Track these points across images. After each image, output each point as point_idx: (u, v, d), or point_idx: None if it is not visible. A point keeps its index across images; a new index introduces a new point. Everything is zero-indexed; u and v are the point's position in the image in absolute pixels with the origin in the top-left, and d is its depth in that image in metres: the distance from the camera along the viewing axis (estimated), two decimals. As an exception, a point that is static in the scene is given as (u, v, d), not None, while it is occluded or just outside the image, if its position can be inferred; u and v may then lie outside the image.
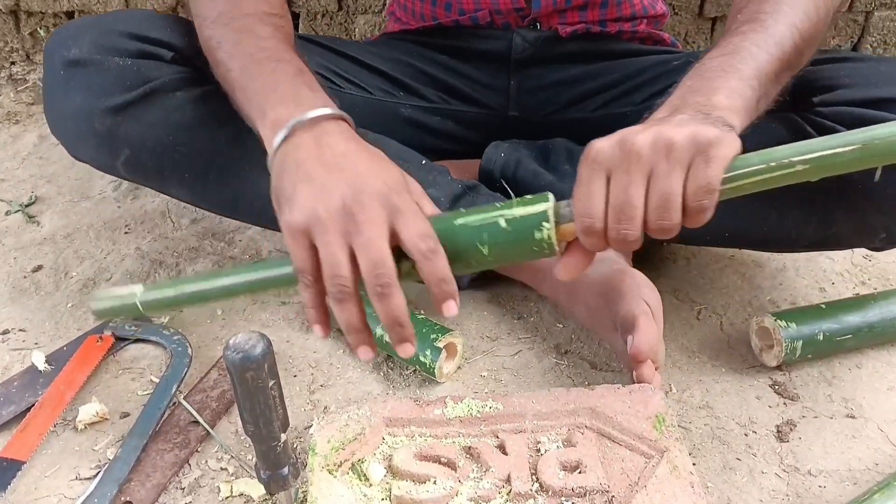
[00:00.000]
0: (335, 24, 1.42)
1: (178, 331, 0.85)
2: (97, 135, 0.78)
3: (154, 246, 1.02)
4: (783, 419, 0.76)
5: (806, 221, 0.76)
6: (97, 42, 0.78)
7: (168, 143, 0.78)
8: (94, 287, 0.94)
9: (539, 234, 0.57)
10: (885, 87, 0.74)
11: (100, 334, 0.85)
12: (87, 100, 0.77)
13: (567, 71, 0.98)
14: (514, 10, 0.95)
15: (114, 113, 0.77)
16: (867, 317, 0.82)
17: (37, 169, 1.20)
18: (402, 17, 1.03)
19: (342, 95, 0.94)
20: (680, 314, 0.90)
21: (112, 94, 0.77)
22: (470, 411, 0.65)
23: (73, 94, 0.78)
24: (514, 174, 0.92)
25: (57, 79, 0.78)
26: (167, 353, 0.83)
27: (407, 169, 0.84)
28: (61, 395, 0.77)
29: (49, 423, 0.75)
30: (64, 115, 0.79)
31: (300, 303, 0.92)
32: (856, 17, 1.47)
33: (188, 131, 0.79)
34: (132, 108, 0.77)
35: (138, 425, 0.73)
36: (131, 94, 0.77)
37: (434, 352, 0.78)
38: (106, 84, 0.77)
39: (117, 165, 0.81)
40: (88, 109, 0.77)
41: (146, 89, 0.77)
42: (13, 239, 1.04)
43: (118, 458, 0.70)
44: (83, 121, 0.78)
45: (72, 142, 0.81)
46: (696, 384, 0.80)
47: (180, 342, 0.83)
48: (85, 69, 0.77)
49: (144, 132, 0.78)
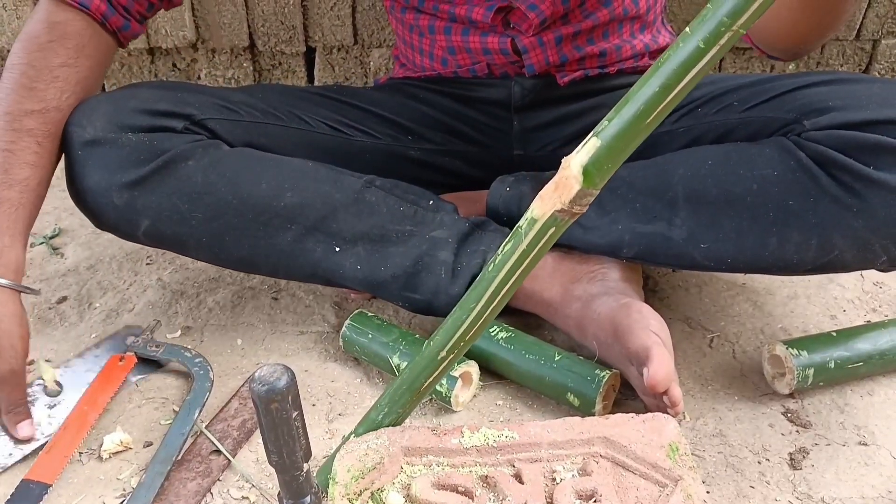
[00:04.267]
0: (351, 57, 1.45)
1: (199, 353, 0.87)
2: (116, 209, 0.81)
3: (175, 277, 1.04)
4: (796, 447, 0.77)
5: (806, 247, 0.76)
6: (110, 120, 0.81)
7: (184, 210, 0.81)
8: (116, 318, 0.96)
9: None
10: (876, 108, 0.74)
11: (122, 353, 0.87)
12: (104, 177, 0.80)
13: (567, 108, 1.00)
14: (509, 62, 0.97)
15: (130, 187, 0.80)
16: (878, 344, 0.83)
17: (60, 201, 1.22)
18: (406, 63, 1.07)
19: (352, 143, 0.96)
20: (692, 342, 0.91)
21: (127, 170, 0.80)
22: (486, 440, 0.66)
23: (91, 171, 0.81)
24: (519, 209, 0.93)
25: (75, 158, 0.81)
26: (189, 378, 0.85)
27: (415, 212, 0.86)
28: (85, 416, 0.79)
29: (74, 445, 0.77)
30: (84, 192, 0.82)
31: (318, 332, 0.94)
32: (863, 45, 1.49)
33: (201, 197, 0.81)
34: (147, 182, 0.80)
35: (161, 452, 0.75)
36: (146, 169, 0.80)
37: (450, 381, 0.80)
38: (121, 160, 0.80)
39: (139, 235, 0.84)
40: (106, 186, 0.80)
41: (159, 162, 0.80)
42: (38, 270, 1.06)
43: (142, 484, 0.71)
44: (102, 196, 0.81)
45: (94, 216, 0.84)
46: (710, 412, 0.81)
47: (202, 365, 0.85)
48: (101, 148, 0.80)
49: (161, 203, 0.81)
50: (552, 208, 0.56)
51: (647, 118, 0.54)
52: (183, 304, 0.99)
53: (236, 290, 1.01)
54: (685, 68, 0.52)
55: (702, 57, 0.52)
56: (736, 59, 1.49)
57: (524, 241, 0.57)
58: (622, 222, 0.85)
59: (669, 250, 0.83)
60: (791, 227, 0.76)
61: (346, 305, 0.98)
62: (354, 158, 0.95)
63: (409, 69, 1.06)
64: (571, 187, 0.55)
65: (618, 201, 0.85)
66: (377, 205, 0.87)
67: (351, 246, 0.86)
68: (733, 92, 0.88)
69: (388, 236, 0.86)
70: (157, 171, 0.80)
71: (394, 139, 0.99)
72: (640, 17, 0.98)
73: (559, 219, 0.56)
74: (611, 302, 0.83)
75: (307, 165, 0.86)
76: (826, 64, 1.50)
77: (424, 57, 1.02)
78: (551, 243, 0.58)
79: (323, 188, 0.85)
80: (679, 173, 0.82)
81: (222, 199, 0.82)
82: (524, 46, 0.94)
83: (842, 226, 0.74)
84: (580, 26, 0.94)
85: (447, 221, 0.89)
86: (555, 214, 0.56)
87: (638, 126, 0.54)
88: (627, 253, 0.85)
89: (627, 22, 0.97)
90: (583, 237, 0.87)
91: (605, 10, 0.94)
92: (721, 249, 0.80)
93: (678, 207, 0.81)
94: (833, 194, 0.74)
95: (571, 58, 0.96)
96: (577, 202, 0.55)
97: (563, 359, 0.81)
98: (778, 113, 0.82)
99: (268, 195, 0.83)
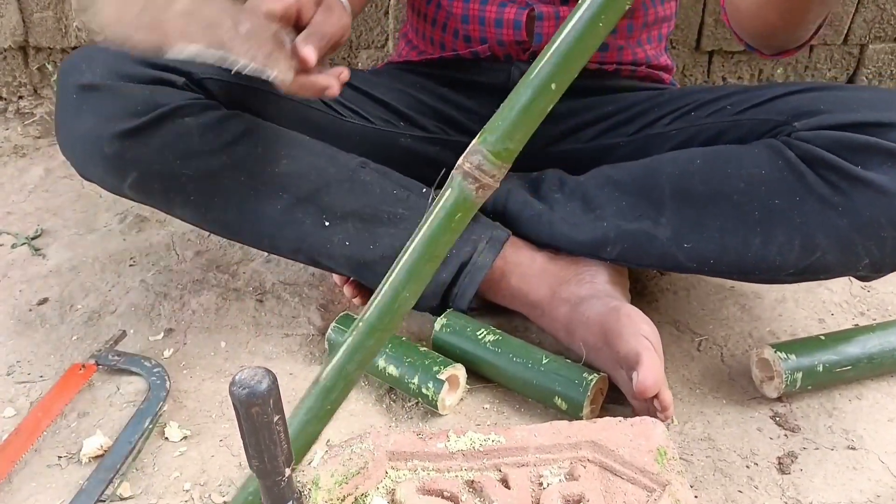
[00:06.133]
0: (338, 57, 1.45)
1: (157, 363, 0.86)
2: (106, 158, 0.80)
3: (159, 278, 1.03)
4: (784, 451, 0.76)
5: (789, 247, 0.77)
6: (111, 68, 0.80)
7: (175, 167, 0.80)
8: (98, 319, 0.95)
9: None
10: (865, 111, 0.75)
11: (83, 363, 0.86)
12: (98, 123, 0.79)
13: (561, 104, 0.99)
14: (516, 42, 0.96)
15: (123, 137, 0.79)
16: (866, 348, 0.83)
17: (43, 202, 1.21)
18: (413, 39, 1.05)
19: (343, 123, 0.95)
20: (681, 346, 0.91)
21: (122, 119, 0.79)
22: (472, 444, 0.66)
23: (85, 117, 0.79)
24: (506, 204, 0.93)
25: (69, 101, 0.80)
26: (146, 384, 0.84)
27: (408, 196, 0.86)
28: (38, 423, 0.78)
29: (23, 450, 0.75)
30: (74, 137, 0.81)
31: (303, 335, 0.93)
32: (851, 49, 1.49)
33: (195, 156, 0.81)
34: (141, 133, 0.79)
35: (106, 459, 0.74)
36: (141, 120, 0.79)
37: (436, 384, 0.79)
38: (117, 109, 0.79)
39: (124, 187, 0.82)
40: (99, 133, 0.79)
41: (156, 115, 0.79)
42: (19, 272, 1.05)
43: (83, 491, 0.70)
44: (93, 143, 0.79)
45: (81, 163, 0.83)
46: (698, 416, 0.81)
47: (159, 374, 0.84)
48: (98, 93, 0.79)
49: (152, 156, 0.80)
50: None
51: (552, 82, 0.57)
52: (166, 305, 0.98)
53: (220, 292, 1.00)
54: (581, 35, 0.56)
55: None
56: (725, 63, 1.49)
57: (441, 208, 0.57)
58: (608, 219, 0.84)
59: (653, 249, 0.82)
60: (775, 227, 0.76)
61: (332, 308, 0.97)
62: (344, 140, 0.93)
63: (416, 44, 1.05)
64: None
65: (604, 199, 0.85)
66: (371, 185, 0.87)
67: (341, 222, 0.85)
68: (725, 97, 0.89)
69: (379, 216, 0.86)
70: (153, 124, 0.79)
71: (385, 123, 0.98)
72: (648, 25, 0.98)
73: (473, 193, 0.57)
74: (599, 305, 0.83)
75: (304, 138, 0.87)
76: (814, 68, 1.51)
77: (436, 28, 1.00)
78: (467, 219, 0.58)
79: (318, 161, 0.85)
80: (667, 172, 0.82)
81: (216, 158, 0.81)
82: (541, 13, 0.93)
83: (826, 225, 0.75)
84: None
85: None
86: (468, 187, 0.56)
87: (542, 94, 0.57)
88: (611, 252, 0.85)
89: (638, 25, 0.98)
90: (567, 233, 0.87)
91: None
92: (705, 249, 0.80)
93: (664, 206, 0.81)
94: (819, 193, 0.74)
95: None
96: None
97: (550, 362, 0.81)
98: (769, 115, 0.82)
99: (263, 160, 0.82)
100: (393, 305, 0.58)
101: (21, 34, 1.40)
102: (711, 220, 0.79)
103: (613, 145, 0.95)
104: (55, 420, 0.79)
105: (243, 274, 1.04)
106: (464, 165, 0.57)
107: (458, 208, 0.57)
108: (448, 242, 0.58)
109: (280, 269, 1.04)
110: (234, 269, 1.05)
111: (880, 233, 0.74)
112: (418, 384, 0.80)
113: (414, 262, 0.58)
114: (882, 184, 0.72)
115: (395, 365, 0.82)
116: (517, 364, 0.81)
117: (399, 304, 0.58)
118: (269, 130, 0.85)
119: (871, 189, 0.73)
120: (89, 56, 0.81)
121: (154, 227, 1.14)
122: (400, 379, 0.81)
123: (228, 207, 0.83)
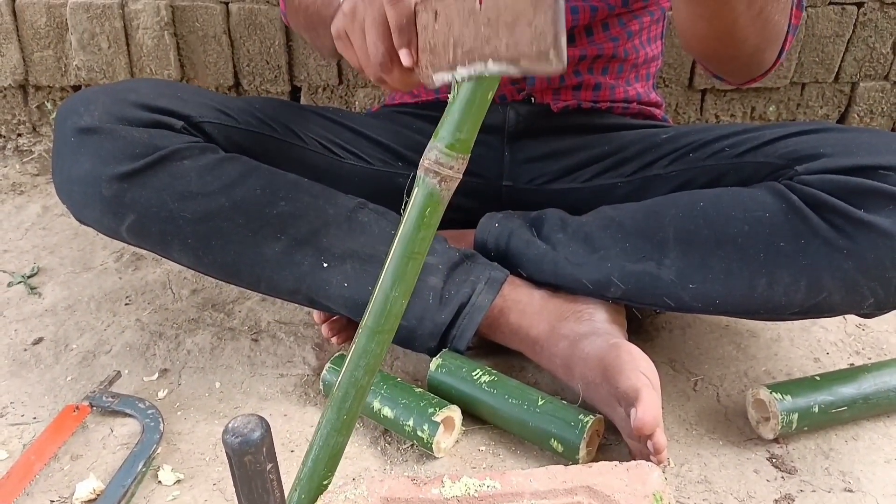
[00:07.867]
0: (336, 97, 1.46)
1: (152, 404, 0.86)
2: (104, 200, 0.80)
3: (154, 318, 1.03)
4: (781, 493, 0.76)
5: (795, 288, 0.77)
6: (109, 111, 0.81)
7: (173, 209, 0.81)
8: (93, 359, 0.95)
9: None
10: (865, 155, 0.76)
11: (77, 404, 0.86)
12: (95, 166, 0.79)
13: (558, 143, 1.01)
14: (510, 83, 0.98)
15: (122, 179, 0.79)
16: (862, 388, 0.83)
17: (39, 240, 1.21)
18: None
19: (342, 165, 0.96)
20: (676, 385, 0.91)
21: (121, 162, 0.79)
22: (467, 490, 0.65)
23: (83, 159, 0.80)
24: (508, 244, 0.93)
25: (67, 144, 0.81)
26: (140, 427, 0.83)
27: None
28: (31, 466, 0.77)
29: (15, 494, 0.74)
30: (72, 180, 0.81)
31: (298, 375, 0.92)
32: (842, 87, 1.51)
33: (193, 198, 0.81)
34: (140, 175, 0.80)
35: (100, 503, 0.73)
36: (140, 162, 0.79)
37: (431, 426, 0.78)
38: (116, 151, 0.79)
39: (122, 230, 0.83)
40: (96, 175, 0.79)
41: (154, 157, 0.80)
42: (14, 311, 1.04)
43: None
44: (90, 186, 0.80)
45: (77, 206, 0.83)
46: (694, 458, 0.80)
47: (154, 416, 0.84)
48: (96, 136, 0.80)
49: (151, 198, 0.80)
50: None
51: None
52: (161, 345, 0.97)
53: (216, 332, 1.00)
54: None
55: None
56: (717, 101, 1.51)
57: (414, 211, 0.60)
58: (612, 260, 0.85)
59: (658, 290, 0.83)
60: (781, 268, 0.77)
61: (327, 348, 0.97)
62: (343, 181, 0.94)
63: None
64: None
65: (608, 240, 0.86)
66: (369, 225, 0.87)
67: (339, 263, 0.85)
68: (723, 139, 0.90)
69: (377, 256, 0.86)
70: (151, 166, 0.79)
71: (384, 163, 0.99)
72: (637, 66, 1.01)
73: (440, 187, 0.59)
74: (599, 342, 0.83)
75: (303, 180, 0.87)
76: (806, 105, 1.52)
77: None
78: (438, 212, 0.60)
79: (317, 202, 0.86)
80: (670, 214, 0.83)
81: (215, 200, 0.81)
82: None
83: (832, 267, 0.75)
84: (585, 51, 0.96)
85: (438, 249, 0.89)
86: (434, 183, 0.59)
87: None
88: (615, 292, 0.85)
89: (628, 67, 1.00)
90: (572, 273, 0.87)
91: (610, 44, 0.97)
92: (710, 290, 0.80)
93: (668, 247, 0.82)
94: (824, 236, 0.75)
95: (569, 82, 0.98)
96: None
97: (546, 404, 0.80)
98: (769, 158, 0.83)
99: (262, 201, 0.83)
100: (385, 307, 0.61)
101: (21, 73, 1.41)
102: (716, 262, 0.79)
103: (611, 186, 0.96)
104: (48, 463, 0.79)
105: (239, 313, 1.04)
106: (424, 163, 0.60)
107: (427, 203, 0.60)
108: (425, 238, 0.61)
109: (276, 308, 1.04)
110: (230, 307, 1.05)
111: (885, 274, 0.75)
112: (413, 426, 0.79)
113: (397, 263, 0.61)
114: (885, 227, 0.73)
115: (391, 406, 0.81)
116: (513, 405, 0.81)
117: (391, 305, 0.61)
118: (268, 172, 0.85)
119: (874, 232, 0.73)
120: (87, 99, 0.82)
121: (150, 265, 1.14)
122: (395, 421, 0.81)
123: (226, 250, 0.83)
